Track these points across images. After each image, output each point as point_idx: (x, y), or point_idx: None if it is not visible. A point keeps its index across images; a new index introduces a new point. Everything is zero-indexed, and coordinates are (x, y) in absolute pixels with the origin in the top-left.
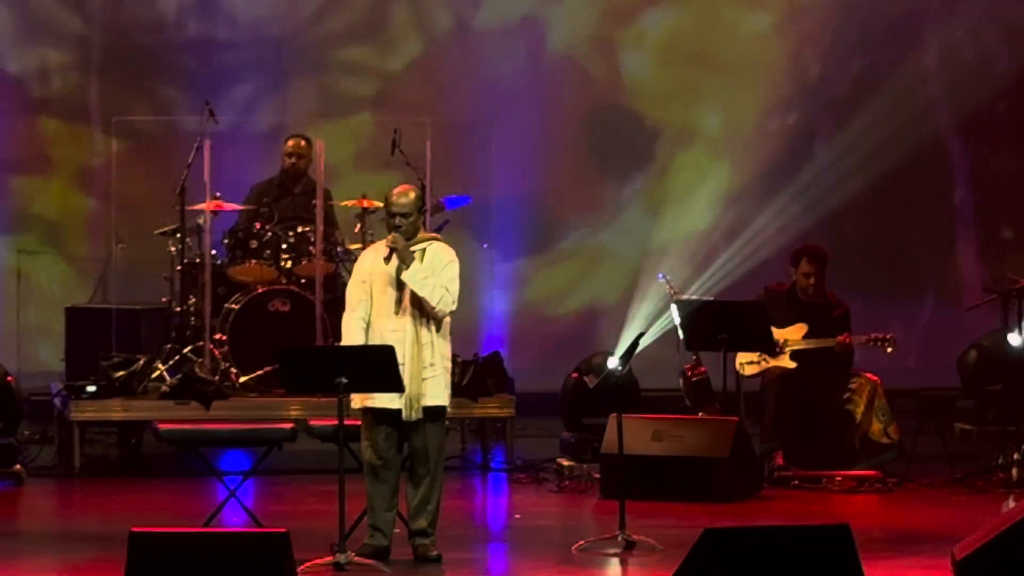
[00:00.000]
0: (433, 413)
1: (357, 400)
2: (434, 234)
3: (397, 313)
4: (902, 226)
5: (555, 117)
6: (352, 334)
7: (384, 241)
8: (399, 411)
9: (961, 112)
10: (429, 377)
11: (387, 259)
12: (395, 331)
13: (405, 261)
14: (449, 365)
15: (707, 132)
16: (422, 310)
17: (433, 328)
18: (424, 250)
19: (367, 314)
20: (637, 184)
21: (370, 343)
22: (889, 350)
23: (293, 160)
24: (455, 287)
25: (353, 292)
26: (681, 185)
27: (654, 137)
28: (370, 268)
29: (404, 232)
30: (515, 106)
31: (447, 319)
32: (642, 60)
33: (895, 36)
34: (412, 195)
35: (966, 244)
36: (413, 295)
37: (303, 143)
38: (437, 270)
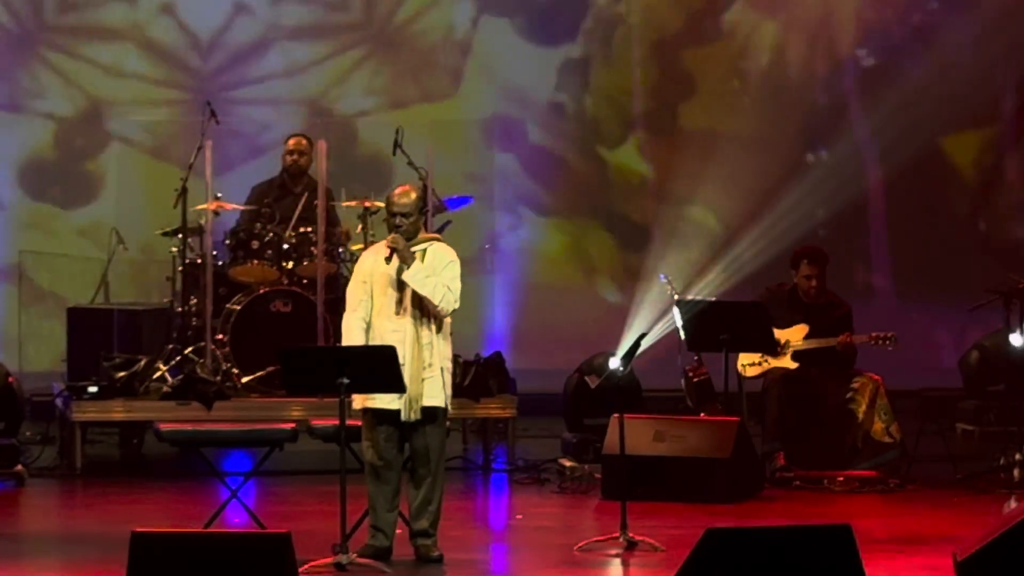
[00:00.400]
0: (433, 414)
1: (358, 401)
2: (435, 235)
3: (398, 313)
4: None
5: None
6: (352, 335)
7: (384, 241)
8: (400, 411)
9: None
10: (428, 378)
11: (388, 259)
12: (396, 331)
13: (406, 261)
14: (449, 366)
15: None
16: (423, 310)
17: (434, 328)
18: (425, 251)
19: (368, 314)
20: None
21: (371, 343)
22: (891, 348)
23: (294, 157)
24: (456, 286)
25: (353, 292)
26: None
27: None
28: (370, 269)
29: (405, 232)
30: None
31: (447, 319)
32: None
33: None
34: (413, 195)
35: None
36: (414, 295)
37: (304, 141)
38: (438, 270)
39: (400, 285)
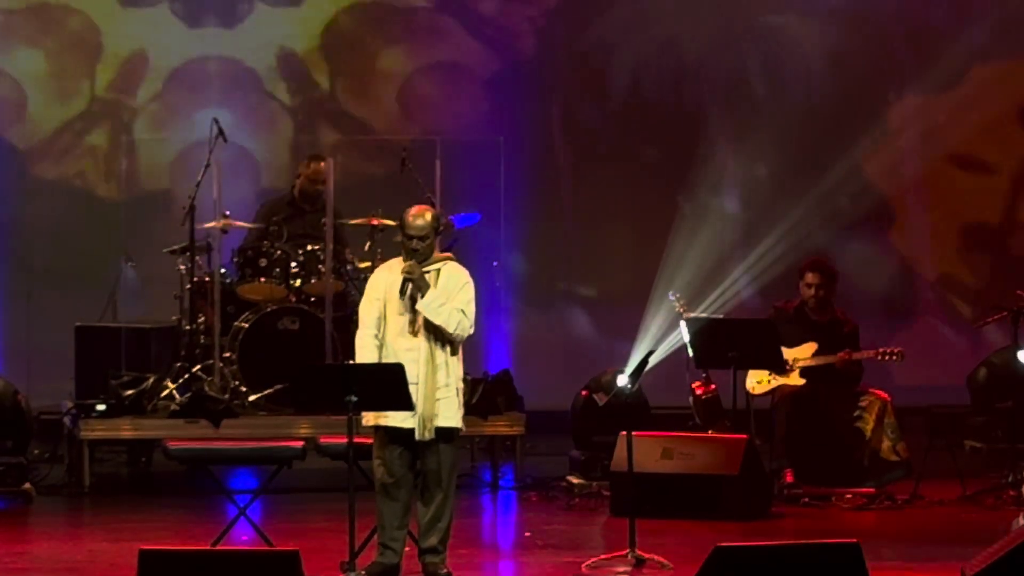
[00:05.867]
0: (446, 433)
1: (370, 418)
2: (447, 254)
3: (412, 333)
4: None
5: None
6: (365, 352)
7: (398, 260)
8: (412, 430)
9: None
10: (443, 398)
11: (402, 293)
12: (410, 350)
13: (421, 290)
14: (462, 386)
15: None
16: (437, 330)
17: (448, 348)
18: (438, 270)
19: (381, 332)
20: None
21: (385, 362)
22: (899, 363)
23: (319, 178)
24: (471, 309)
25: (367, 310)
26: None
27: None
28: (384, 287)
29: (420, 254)
30: None
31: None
32: None
33: None
34: (428, 216)
35: None
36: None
37: (323, 164)
38: (452, 293)
39: (414, 304)
